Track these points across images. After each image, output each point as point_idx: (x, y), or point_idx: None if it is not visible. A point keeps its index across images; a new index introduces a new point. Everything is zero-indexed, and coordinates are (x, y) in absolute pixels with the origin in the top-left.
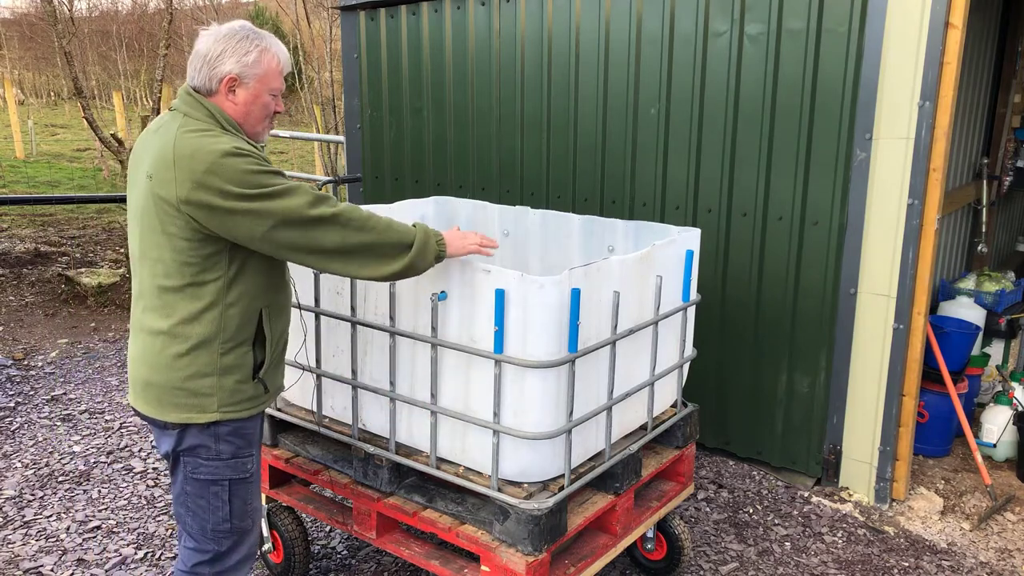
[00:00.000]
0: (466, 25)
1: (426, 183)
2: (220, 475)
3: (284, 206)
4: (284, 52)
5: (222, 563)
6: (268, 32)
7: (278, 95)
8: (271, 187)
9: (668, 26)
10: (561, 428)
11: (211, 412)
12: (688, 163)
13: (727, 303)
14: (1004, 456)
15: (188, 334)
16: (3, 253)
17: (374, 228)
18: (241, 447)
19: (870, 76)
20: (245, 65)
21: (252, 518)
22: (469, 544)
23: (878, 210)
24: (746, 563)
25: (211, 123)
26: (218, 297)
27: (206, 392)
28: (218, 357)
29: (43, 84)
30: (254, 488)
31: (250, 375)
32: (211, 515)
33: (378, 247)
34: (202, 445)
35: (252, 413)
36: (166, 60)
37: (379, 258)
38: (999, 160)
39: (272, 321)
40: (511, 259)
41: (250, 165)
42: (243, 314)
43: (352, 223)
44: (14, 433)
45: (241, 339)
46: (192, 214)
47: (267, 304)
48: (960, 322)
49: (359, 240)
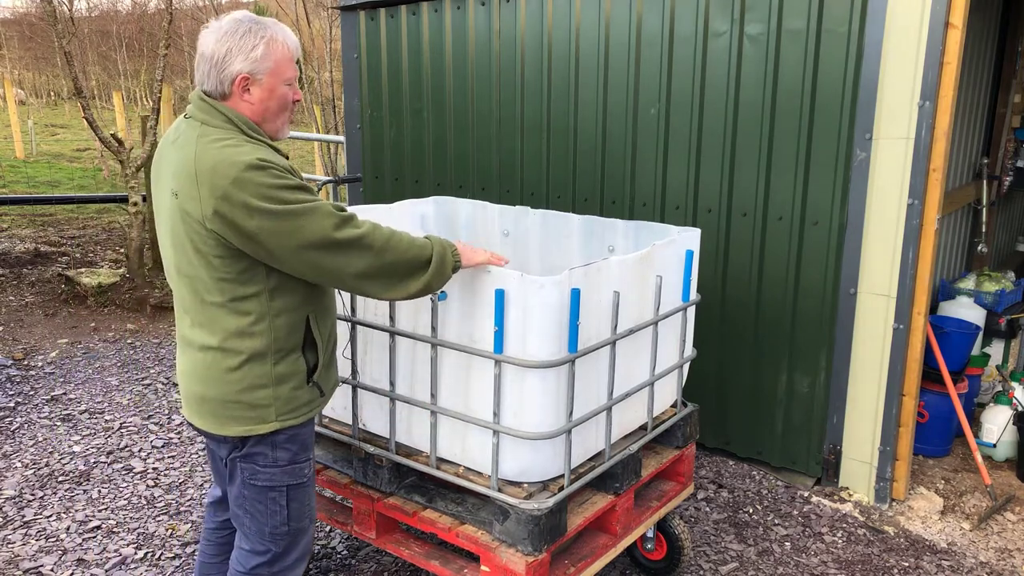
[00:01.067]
0: (466, 25)
1: (426, 183)
2: (278, 481)
3: (309, 227)
4: (291, 37)
5: (281, 563)
6: (270, 19)
7: (293, 83)
8: (296, 204)
9: (668, 26)
10: (561, 428)
11: (271, 422)
12: (688, 163)
13: (727, 303)
14: (1004, 456)
15: (239, 348)
16: (3, 253)
17: (396, 247)
18: (297, 453)
19: (870, 76)
20: (255, 61)
21: (309, 518)
22: (469, 544)
23: (878, 210)
24: (746, 563)
25: (231, 129)
26: (263, 310)
27: (264, 403)
28: (271, 368)
29: (43, 84)
30: (310, 491)
31: (304, 380)
32: (269, 519)
33: (400, 267)
34: (260, 453)
35: (309, 417)
36: (166, 60)
37: (401, 279)
38: (999, 160)
39: (320, 324)
40: (511, 259)
41: (274, 179)
42: (291, 323)
43: (376, 244)
44: (14, 433)
45: (291, 346)
46: (217, 230)
47: (313, 309)
48: (960, 322)
49: (383, 262)
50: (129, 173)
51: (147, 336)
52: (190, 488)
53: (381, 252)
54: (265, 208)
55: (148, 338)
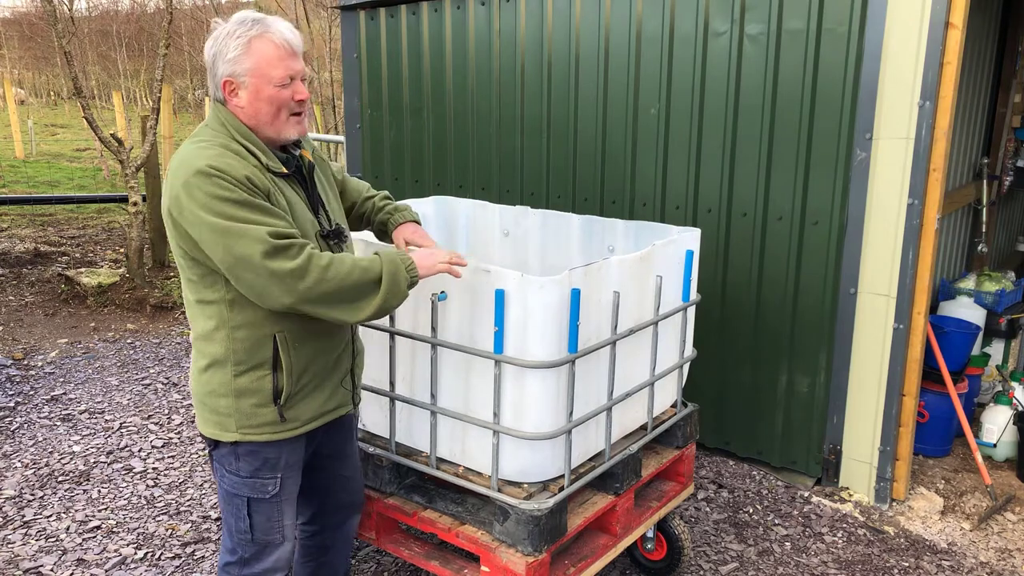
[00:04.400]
0: (466, 25)
1: (426, 183)
2: (239, 491)
3: (238, 248)
4: (284, 33)
5: (249, 568)
6: (272, 18)
7: (289, 83)
8: (230, 221)
9: (668, 26)
10: (561, 428)
11: (231, 432)
12: (688, 163)
13: (727, 303)
14: (1004, 456)
15: (204, 351)
16: (3, 253)
17: (335, 275)
18: (259, 468)
19: (870, 76)
20: (234, 63)
21: (282, 534)
22: (469, 544)
23: (878, 210)
24: (746, 563)
25: (219, 132)
26: (222, 318)
27: (224, 412)
28: (231, 379)
29: (43, 84)
30: (281, 508)
31: (269, 400)
32: (235, 523)
33: (346, 293)
34: (224, 458)
35: (273, 439)
36: (166, 60)
37: (351, 303)
38: (999, 160)
39: (292, 348)
40: (511, 259)
41: (218, 189)
42: (253, 338)
43: (311, 274)
44: (14, 433)
45: (256, 363)
46: (172, 229)
47: (282, 330)
48: (960, 322)
49: (323, 291)
50: (129, 173)
51: (147, 336)
52: (190, 488)
53: (320, 282)
54: (202, 218)
55: (148, 338)
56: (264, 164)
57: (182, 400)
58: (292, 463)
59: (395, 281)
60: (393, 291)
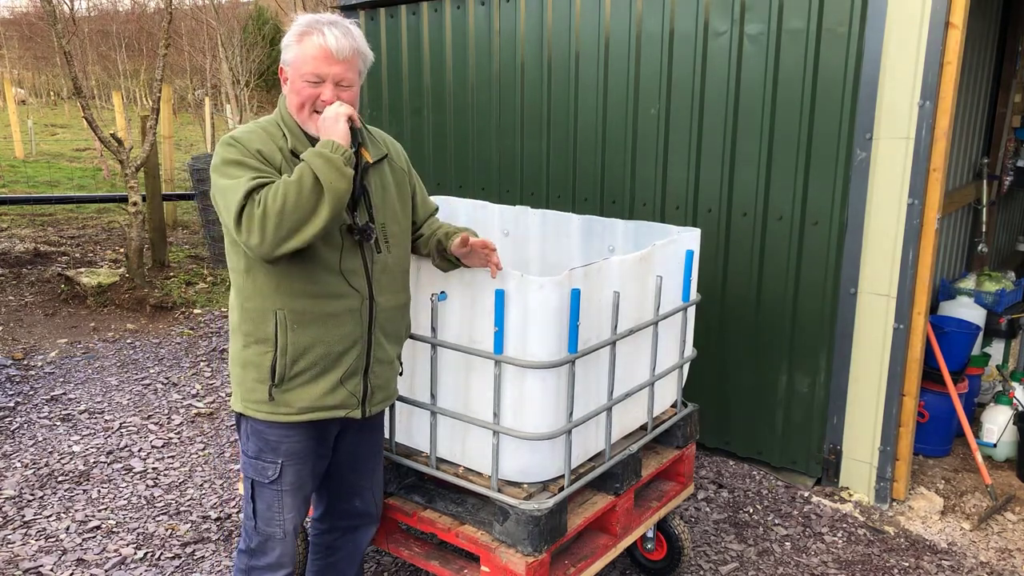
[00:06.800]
0: (466, 25)
1: (426, 182)
2: (247, 471)
3: (224, 199)
4: (327, 38)
5: (255, 559)
6: (337, 18)
7: (318, 82)
8: (225, 178)
9: (668, 26)
10: (561, 428)
11: (238, 402)
12: (688, 163)
13: (727, 303)
14: (1004, 456)
15: (230, 318)
16: (3, 253)
17: (280, 204)
18: (262, 450)
19: (870, 76)
20: (285, 51)
21: (281, 528)
22: (469, 544)
23: (878, 210)
24: (746, 563)
25: (276, 113)
26: (239, 287)
27: (236, 380)
28: (241, 348)
29: (43, 84)
30: (283, 498)
31: (267, 377)
32: (245, 506)
33: (301, 209)
34: (242, 433)
35: (267, 419)
36: (166, 60)
37: (310, 213)
38: (999, 160)
39: (291, 329)
40: (511, 259)
41: (227, 153)
42: (259, 310)
43: (270, 207)
44: (14, 433)
45: (259, 337)
46: None
47: (281, 307)
48: (960, 322)
49: (279, 223)
50: (129, 173)
51: (147, 336)
52: (190, 488)
53: (278, 213)
54: (214, 180)
55: (148, 338)
56: (291, 147)
57: (182, 400)
58: (294, 452)
59: (328, 168)
60: (334, 176)
